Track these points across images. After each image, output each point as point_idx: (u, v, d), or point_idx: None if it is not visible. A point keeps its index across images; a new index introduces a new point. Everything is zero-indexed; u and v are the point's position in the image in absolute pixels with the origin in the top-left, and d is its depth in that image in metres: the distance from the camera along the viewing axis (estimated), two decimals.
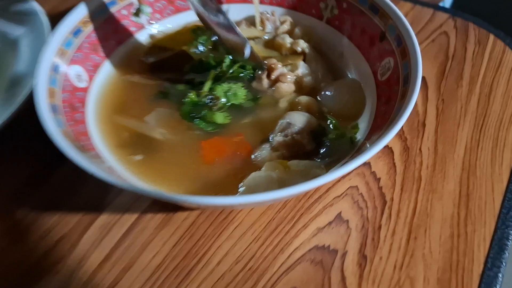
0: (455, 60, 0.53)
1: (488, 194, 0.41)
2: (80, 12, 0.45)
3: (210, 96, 0.42)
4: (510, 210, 0.40)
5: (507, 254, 0.37)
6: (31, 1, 0.54)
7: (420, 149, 0.44)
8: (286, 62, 0.47)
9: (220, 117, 0.41)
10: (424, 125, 0.47)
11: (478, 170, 0.43)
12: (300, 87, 0.46)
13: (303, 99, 0.43)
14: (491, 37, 0.56)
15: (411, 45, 0.40)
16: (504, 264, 0.37)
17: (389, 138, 0.33)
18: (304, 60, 0.47)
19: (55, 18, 0.52)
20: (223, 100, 0.42)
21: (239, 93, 0.42)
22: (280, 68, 0.45)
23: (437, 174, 0.42)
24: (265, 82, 0.45)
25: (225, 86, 0.43)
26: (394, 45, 0.42)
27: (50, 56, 0.41)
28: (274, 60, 0.45)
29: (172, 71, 0.46)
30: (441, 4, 1.03)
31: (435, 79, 0.51)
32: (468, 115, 0.47)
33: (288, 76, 0.45)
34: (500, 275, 0.36)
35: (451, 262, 0.37)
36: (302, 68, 0.46)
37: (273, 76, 0.45)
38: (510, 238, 0.38)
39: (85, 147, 0.37)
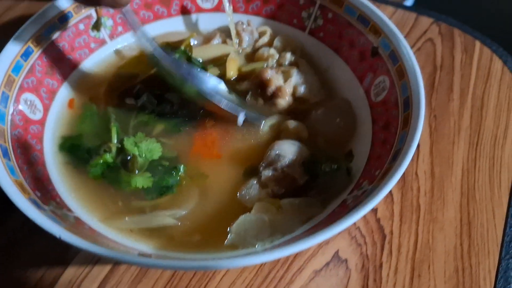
0: (443, 71, 0.50)
1: (489, 221, 0.39)
2: (30, 29, 0.39)
3: (128, 156, 0.36)
4: None
5: None
6: None
7: (416, 173, 0.41)
8: (279, 69, 0.42)
9: (139, 181, 0.35)
10: (418, 145, 0.43)
11: (477, 193, 0.40)
12: (293, 98, 0.42)
13: (292, 124, 0.39)
14: (477, 43, 0.54)
15: (409, 64, 0.37)
16: None
17: (399, 174, 0.30)
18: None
19: (0, 29, 0.46)
20: (140, 160, 0.36)
21: (154, 148, 0.37)
22: (276, 81, 0.40)
23: (436, 200, 0.40)
24: (260, 101, 0.40)
25: (133, 138, 0.37)
26: (388, 63, 0.39)
27: None
28: (269, 72, 0.41)
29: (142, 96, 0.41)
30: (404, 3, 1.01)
31: (425, 93, 0.48)
32: (462, 131, 0.45)
33: (287, 89, 0.40)
34: None
35: None
36: (296, 77, 0.42)
37: (269, 91, 0.40)
38: None
39: (46, 195, 0.32)
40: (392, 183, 0.29)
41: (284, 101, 0.40)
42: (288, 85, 0.41)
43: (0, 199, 0.34)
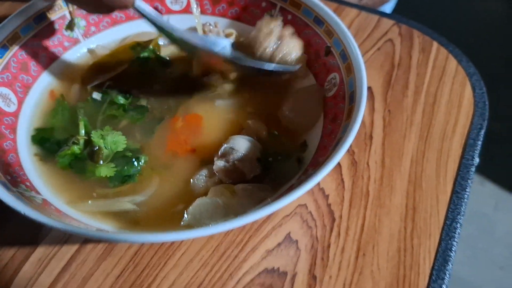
0: (400, 69, 0.54)
1: (433, 207, 0.42)
2: (6, 28, 0.42)
3: (95, 147, 0.39)
4: (453, 221, 0.41)
5: (450, 265, 0.38)
6: None
7: (367, 163, 0.44)
8: None
9: (103, 170, 0.38)
10: (371, 137, 0.47)
11: (424, 182, 0.43)
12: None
13: (252, 123, 0.42)
14: (435, 44, 0.57)
15: (356, 61, 0.40)
16: (448, 275, 0.37)
17: (335, 161, 0.33)
18: None
19: None
20: (105, 151, 0.39)
21: (119, 140, 0.39)
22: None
23: (384, 188, 0.43)
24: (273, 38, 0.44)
25: (100, 132, 0.40)
26: (339, 60, 0.42)
27: None
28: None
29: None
30: (381, 9, 1.04)
31: (381, 89, 0.51)
32: (413, 126, 0.48)
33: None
34: (444, 286, 0.37)
35: (398, 277, 0.37)
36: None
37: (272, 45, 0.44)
38: (453, 249, 0.39)
39: (15, 180, 0.35)
40: (330, 166, 0.32)
41: (292, 41, 0.44)
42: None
43: None
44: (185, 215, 0.36)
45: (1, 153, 0.36)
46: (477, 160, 0.46)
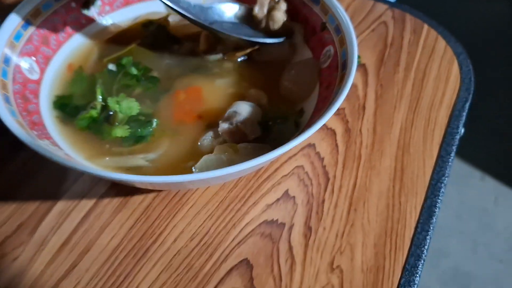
0: (392, 48, 0.57)
1: (419, 169, 0.45)
2: (29, 4, 0.45)
3: (110, 112, 0.43)
4: (438, 181, 0.44)
5: (434, 219, 0.42)
6: None
7: (360, 131, 0.48)
8: None
9: (118, 131, 0.42)
10: (364, 108, 0.50)
11: (412, 147, 0.47)
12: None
13: (254, 91, 0.46)
14: (425, 26, 0.61)
15: (348, 33, 0.43)
16: (431, 228, 0.41)
17: (327, 117, 0.37)
18: None
19: (2, 10, 0.53)
20: (120, 115, 0.43)
21: (133, 105, 0.43)
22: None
23: (375, 152, 0.46)
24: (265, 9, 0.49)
25: (116, 98, 0.43)
26: (334, 34, 0.46)
27: (0, 48, 0.42)
28: None
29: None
30: None
31: (374, 66, 0.55)
32: (403, 98, 0.52)
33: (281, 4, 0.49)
34: (428, 237, 0.40)
35: (386, 229, 0.41)
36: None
37: (266, 7, 0.49)
38: (438, 205, 0.43)
39: (40, 136, 0.38)
40: (321, 122, 0.36)
41: (280, 14, 0.48)
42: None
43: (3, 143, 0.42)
44: (193, 170, 0.40)
45: (27, 113, 0.40)
46: (462, 129, 0.50)
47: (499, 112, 1.73)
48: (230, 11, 0.52)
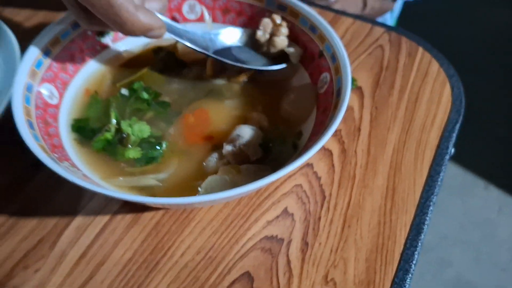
0: (388, 71, 0.61)
1: (410, 187, 0.49)
2: (49, 34, 0.49)
3: (124, 134, 0.47)
4: (427, 200, 0.47)
5: (423, 236, 0.45)
6: None
7: (355, 151, 0.52)
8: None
9: (131, 153, 0.46)
10: (359, 130, 0.54)
11: (403, 167, 0.50)
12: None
13: (256, 115, 0.49)
14: (420, 49, 0.64)
15: (343, 62, 0.47)
16: (420, 244, 0.44)
17: (323, 141, 0.40)
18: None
19: (22, 35, 0.57)
20: (133, 137, 0.46)
21: (144, 129, 0.47)
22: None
23: (369, 172, 0.50)
24: (267, 34, 0.53)
25: (128, 122, 0.47)
26: (330, 62, 0.49)
27: (23, 77, 0.45)
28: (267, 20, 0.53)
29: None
30: (383, 18, 1.11)
31: (370, 88, 0.58)
32: (397, 120, 0.55)
33: (282, 29, 0.52)
34: (416, 253, 0.44)
35: (377, 245, 0.44)
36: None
37: (268, 31, 0.53)
38: (426, 223, 0.46)
39: (61, 158, 0.42)
40: (315, 149, 0.39)
41: (280, 40, 0.52)
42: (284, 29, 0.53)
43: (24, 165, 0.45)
44: (199, 189, 0.43)
45: (48, 136, 0.44)
46: (452, 150, 0.53)
47: (504, 121, 1.75)
48: (233, 36, 0.55)
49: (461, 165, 1.70)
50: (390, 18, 1.16)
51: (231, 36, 0.56)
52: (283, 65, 0.53)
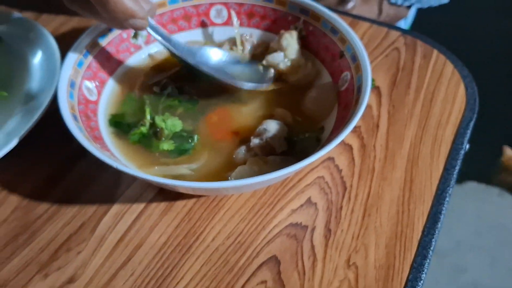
0: (404, 72, 0.64)
1: (427, 180, 0.51)
2: (88, 37, 0.53)
3: (158, 128, 0.50)
4: (443, 191, 0.50)
5: (439, 224, 0.47)
6: (37, 25, 0.62)
7: (374, 146, 0.54)
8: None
9: (165, 145, 0.49)
10: (378, 126, 0.57)
11: (420, 161, 0.53)
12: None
13: (280, 111, 0.52)
14: (435, 52, 0.67)
15: (363, 61, 0.50)
16: (437, 232, 0.47)
17: (345, 134, 0.43)
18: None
19: (58, 38, 0.61)
20: (166, 131, 0.50)
21: (176, 123, 0.50)
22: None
23: (387, 165, 0.53)
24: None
25: (162, 117, 0.50)
26: (350, 62, 0.52)
27: (67, 74, 0.49)
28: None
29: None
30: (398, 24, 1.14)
31: (387, 88, 0.61)
32: (413, 117, 0.58)
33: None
34: (433, 240, 0.46)
35: (396, 232, 0.47)
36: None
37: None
38: (443, 212, 0.48)
39: (102, 149, 0.46)
40: (337, 141, 0.42)
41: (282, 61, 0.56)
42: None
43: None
44: (229, 178, 0.46)
45: (90, 129, 0.48)
46: (467, 146, 0.56)
47: None
48: (216, 55, 0.58)
49: (475, 171, 1.71)
50: (404, 25, 1.19)
51: (213, 55, 0.58)
52: (265, 85, 0.56)
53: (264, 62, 0.57)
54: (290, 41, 0.56)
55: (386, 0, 1.07)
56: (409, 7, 1.11)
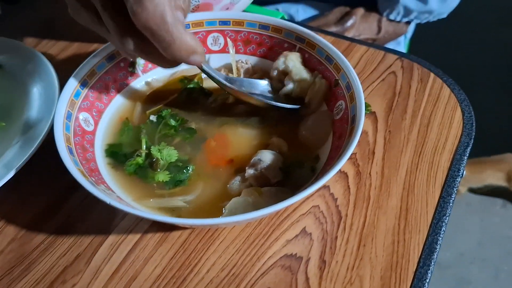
0: (401, 96, 0.64)
1: (423, 208, 0.51)
2: (86, 67, 0.54)
3: (154, 159, 0.50)
4: (439, 220, 0.50)
5: (435, 255, 0.47)
6: (37, 53, 0.63)
7: (369, 173, 0.54)
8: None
9: (161, 176, 0.49)
10: (373, 153, 0.57)
11: (416, 189, 0.53)
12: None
13: (276, 140, 0.53)
14: (432, 75, 0.67)
15: (357, 91, 0.50)
16: (433, 263, 0.47)
17: (339, 166, 0.43)
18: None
19: (58, 64, 0.62)
20: (162, 162, 0.50)
21: (172, 153, 0.50)
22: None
23: (383, 193, 0.52)
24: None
25: (158, 147, 0.51)
26: (345, 91, 0.52)
27: (63, 107, 0.50)
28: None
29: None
30: (398, 40, 1.15)
31: (383, 113, 0.61)
32: (409, 143, 0.58)
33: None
34: (429, 272, 0.46)
35: (391, 263, 0.47)
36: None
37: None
38: (439, 242, 0.48)
39: (97, 182, 0.46)
40: (333, 172, 0.42)
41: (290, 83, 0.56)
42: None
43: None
44: (224, 210, 0.46)
45: (86, 161, 0.48)
46: (463, 172, 0.56)
47: None
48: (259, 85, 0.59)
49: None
50: (403, 40, 1.20)
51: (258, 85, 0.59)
52: (297, 106, 0.56)
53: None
54: (296, 62, 0.57)
55: (385, 17, 1.08)
56: (408, 23, 1.11)
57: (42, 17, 0.82)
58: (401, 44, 1.17)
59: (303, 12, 1.07)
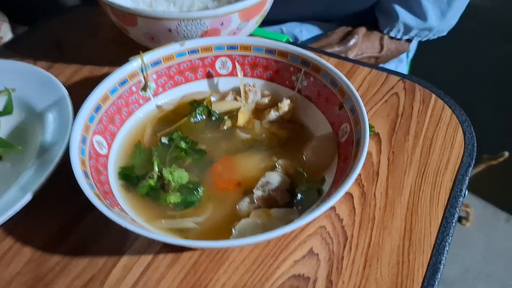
0: (403, 118, 0.66)
1: (426, 229, 0.53)
2: (100, 91, 0.56)
3: (165, 181, 0.52)
4: (443, 240, 0.51)
5: (439, 274, 0.48)
6: (50, 77, 0.65)
7: (374, 194, 0.56)
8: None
9: (172, 198, 0.51)
10: (378, 174, 0.58)
11: (419, 209, 0.54)
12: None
13: (282, 162, 0.54)
14: (433, 96, 0.69)
15: (361, 115, 0.52)
16: (437, 282, 0.48)
17: (345, 189, 0.45)
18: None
19: (70, 88, 0.64)
20: (173, 183, 0.52)
21: (183, 175, 0.52)
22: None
23: (387, 214, 0.54)
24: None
25: (169, 169, 0.52)
26: (349, 114, 0.54)
27: (78, 131, 0.52)
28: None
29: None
30: (400, 58, 1.17)
31: (387, 135, 0.63)
32: (413, 164, 0.59)
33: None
34: None
35: (396, 283, 0.48)
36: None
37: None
38: (442, 262, 0.49)
39: (112, 204, 0.48)
40: (339, 195, 0.44)
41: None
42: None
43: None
44: (233, 231, 0.48)
45: (100, 184, 0.50)
46: (465, 191, 0.57)
47: None
48: None
49: (482, 198, 1.71)
50: (405, 58, 1.22)
51: None
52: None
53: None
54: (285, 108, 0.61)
55: (387, 35, 1.10)
56: (409, 40, 1.13)
57: (53, 39, 0.84)
58: (404, 62, 1.19)
59: (306, 32, 1.09)
